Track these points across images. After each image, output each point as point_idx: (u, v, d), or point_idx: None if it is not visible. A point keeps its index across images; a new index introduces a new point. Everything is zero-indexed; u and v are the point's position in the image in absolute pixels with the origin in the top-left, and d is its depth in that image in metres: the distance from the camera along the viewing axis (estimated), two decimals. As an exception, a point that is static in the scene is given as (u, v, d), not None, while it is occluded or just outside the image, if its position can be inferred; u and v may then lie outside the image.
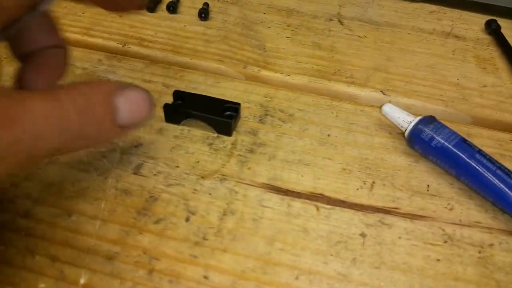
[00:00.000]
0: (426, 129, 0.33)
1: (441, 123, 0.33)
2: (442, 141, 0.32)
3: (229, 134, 0.35)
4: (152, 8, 0.47)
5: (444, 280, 0.27)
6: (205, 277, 0.26)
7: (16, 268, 0.25)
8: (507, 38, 0.47)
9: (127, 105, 0.23)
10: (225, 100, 0.35)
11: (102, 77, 0.39)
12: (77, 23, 0.46)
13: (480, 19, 0.51)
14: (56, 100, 0.20)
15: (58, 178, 0.30)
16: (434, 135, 0.32)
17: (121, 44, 0.43)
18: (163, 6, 0.48)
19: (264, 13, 0.49)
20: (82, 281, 0.25)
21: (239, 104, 0.35)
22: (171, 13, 0.47)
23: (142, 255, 0.27)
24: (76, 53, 0.42)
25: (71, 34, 0.44)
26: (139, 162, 0.32)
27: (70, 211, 0.29)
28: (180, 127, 0.35)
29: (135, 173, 0.31)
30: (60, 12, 0.47)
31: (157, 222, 0.28)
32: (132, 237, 0.27)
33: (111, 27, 0.45)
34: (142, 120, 0.25)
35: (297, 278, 0.26)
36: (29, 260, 0.26)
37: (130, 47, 0.43)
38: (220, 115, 0.34)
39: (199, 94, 0.36)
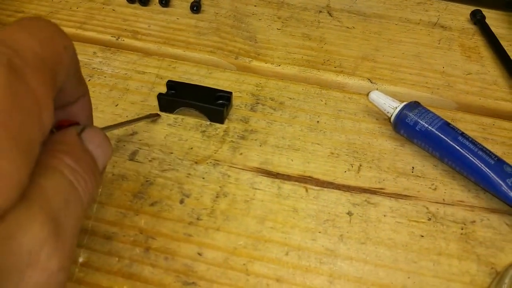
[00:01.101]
0: (410, 114, 0.34)
1: (425, 108, 0.35)
2: (426, 125, 0.33)
3: (221, 121, 0.36)
4: (145, 2, 0.48)
5: (427, 254, 0.28)
6: (199, 254, 0.27)
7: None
8: (491, 28, 0.48)
9: (98, 148, 0.21)
10: (217, 89, 0.36)
11: (97, 69, 0.40)
12: (71, 17, 0.47)
13: (465, 10, 0.52)
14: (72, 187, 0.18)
15: (56, 164, 0.31)
16: (418, 120, 0.33)
17: (115, 37, 0.44)
18: None
19: (255, 6, 0.50)
20: (81, 259, 0.26)
21: (230, 92, 0.36)
22: (163, 6, 0.49)
23: (138, 234, 0.28)
24: (71, 46, 0.43)
25: (66, 28, 0.45)
26: (134, 149, 0.33)
27: (69, 196, 0.30)
28: (173, 115, 0.36)
29: (131, 160, 0.32)
30: (55, 7, 0.48)
31: (152, 204, 0.30)
32: (129, 219, 0.29)
33: (105, 21, 0.46)
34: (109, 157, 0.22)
35: (287, 254, 0.27)
36: (30, 241, 0.27)
37: (124, 40, 0.44)
38: (212, 104, 0.35)
39: (191, 84, 0.37)
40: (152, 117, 0.35)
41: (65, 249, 0.17)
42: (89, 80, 0.39)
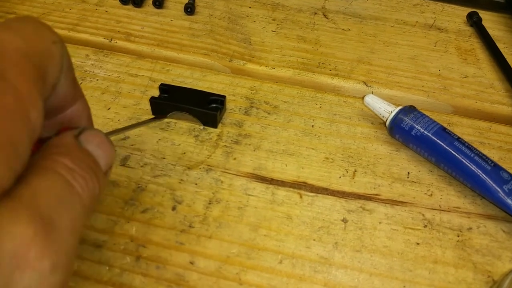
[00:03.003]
0: (406, 119, 0.33)
1: (421, 112, 0.34)
2: (422, 130, 0.33)
3: (215, 126, 0.35)
4: (138, 3, 0.48)
5: (423, 262, 0.28)
6: (191, 263, 0.26)
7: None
8: (488, 30, 0.48)
9: (98, 149, 0.21)
10: (210, 93, 0.36)
11: (90, 72, 0.39)
12: (64, 19, 0.46)
13: (462, 11, 0.52)
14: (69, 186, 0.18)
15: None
16: (414, 124, 0.33)
17: (107, 39, 0.44)
18: (149, 1, 0.49)
19: (250, 7, 0.49)
20: (70, 269, 0.26)
21: (224, 96, 0.36)
22: (157, 8, 0.48)
23: (129, 243, 0.27)
24: (63, 49, 0.42)
25: (58, 30, 0.44)
26: (126, 154, 0.33)
27: (59, 202, 0.29)
28: (166, 119, 0.36)
29: (122, 165, 0.32)
30: (47, 8, 0.47)
31: (144, 211, 0.29)
32: (120, 226, 0.28)
33: (98, 23, 0.46)
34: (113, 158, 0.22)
35: (280, 262, 0.27)
36: (18, 249, 0.26)
37: (116, 42, 0.43)
38: (205, 108, 0.35)
39: (184, 87, 0.37)
40: (158, 120, 0.34)
41: (60, 247, 0.16)
42: (81, 83, 0.38)
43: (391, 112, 0.34)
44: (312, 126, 0.36)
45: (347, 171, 0.33)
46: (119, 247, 0.27)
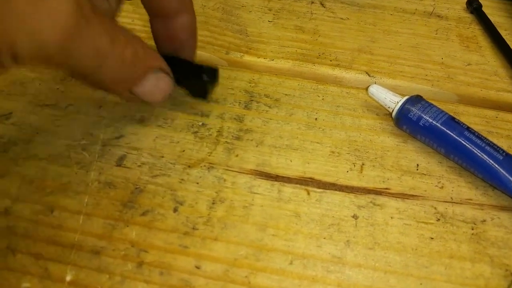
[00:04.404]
0: (413, 109, 0.32)
1: (428, 102, 0.33)
2: (430, 120, 0.32)
3: (205, 96, 0.33)
4: (128, -4, 0.46)
5: (439, 258, 0.27)
6: (197, 267, 0.25)
7: (-3, 268, 0.24)
8: (489, 16, 0.47)
9: (151, 86, 0.27)
10: (202, 65, 0.34)
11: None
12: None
13: (461, -2, 0.51)
14: (112, 40, 0.22)
15: (37, 174, 0.29)
16: (422, 114, 0.32)
17: (97, 33, 0.42)
18: (140, -7, 0.47)
19: (244, -2, 0.48)
20: (68, 277, 0.24)
21: (217, 68, 0.33)
22: None
23: (130, 248, 0.26)
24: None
25: (45, 25, 0.42)
26: (122, 154, 0.31)
27: (52, 207, 0.27)
28: (162, 116, 0.34)
29: (118, 165, 0.30)
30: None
31: (144, 214, 0.27)
32: (119, 231, 0.26)
33: (87, 17, 0.44)
34: (150, 101, 0.28)
35: (291, 263, 0.26)
36: (11, 259, 0.25)
37: (107, 37, 0.41)
38: (195, 77, 0.33)
39: (176, 57, 0.34)
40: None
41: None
42: (70, 81, 0.36)
43: (397, 102, 0.33)
44: (316, 119, 0.35)
45: (354, 165, 0.31)
46: (119, 253, 0.25)
